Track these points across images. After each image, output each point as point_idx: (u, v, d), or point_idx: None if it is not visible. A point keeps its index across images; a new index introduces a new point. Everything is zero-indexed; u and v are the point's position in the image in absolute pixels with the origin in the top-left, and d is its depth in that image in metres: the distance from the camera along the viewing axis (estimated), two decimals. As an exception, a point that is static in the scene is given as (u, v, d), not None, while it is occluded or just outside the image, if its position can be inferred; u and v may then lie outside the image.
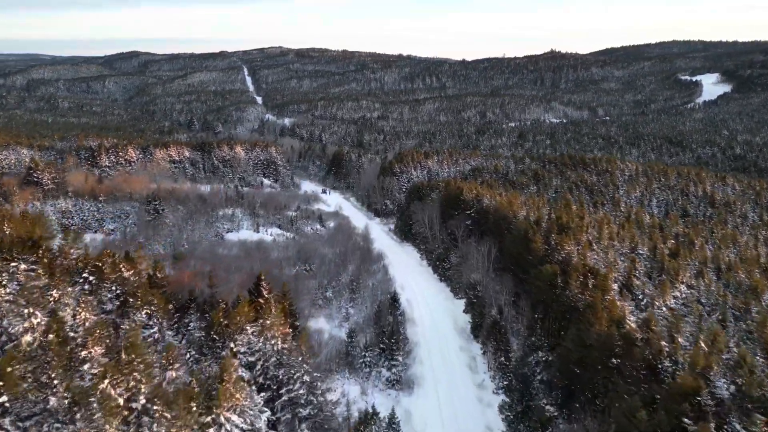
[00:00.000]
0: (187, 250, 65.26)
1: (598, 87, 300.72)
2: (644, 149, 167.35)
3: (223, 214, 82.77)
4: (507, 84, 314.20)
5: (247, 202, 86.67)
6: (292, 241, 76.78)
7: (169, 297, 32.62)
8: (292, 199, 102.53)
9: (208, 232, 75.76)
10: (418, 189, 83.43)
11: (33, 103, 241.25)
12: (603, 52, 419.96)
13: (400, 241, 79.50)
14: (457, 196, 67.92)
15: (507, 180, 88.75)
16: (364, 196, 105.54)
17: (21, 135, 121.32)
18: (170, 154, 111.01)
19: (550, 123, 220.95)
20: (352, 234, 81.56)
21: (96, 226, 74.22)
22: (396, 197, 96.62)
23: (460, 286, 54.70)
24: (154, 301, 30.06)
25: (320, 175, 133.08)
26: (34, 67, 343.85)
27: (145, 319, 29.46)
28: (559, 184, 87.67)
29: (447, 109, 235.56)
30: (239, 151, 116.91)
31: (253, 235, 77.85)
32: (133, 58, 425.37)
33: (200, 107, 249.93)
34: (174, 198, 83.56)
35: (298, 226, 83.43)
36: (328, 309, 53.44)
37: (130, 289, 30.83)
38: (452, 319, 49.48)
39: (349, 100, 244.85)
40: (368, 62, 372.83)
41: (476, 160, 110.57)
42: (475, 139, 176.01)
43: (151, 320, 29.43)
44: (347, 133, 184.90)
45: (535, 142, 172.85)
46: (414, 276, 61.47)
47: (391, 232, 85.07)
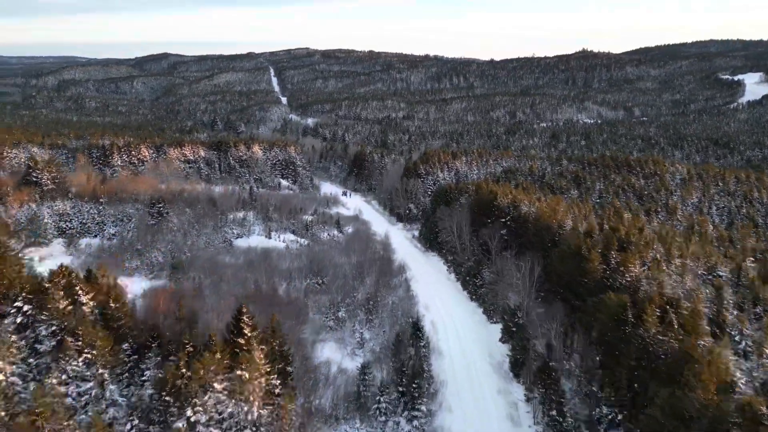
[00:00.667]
0: (188, 259, 58.37)
1: (634, 86, 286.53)
2: (688, 151, 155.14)
3: (233, 218, 75.88)
4: (537, 84, 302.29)
5: (259, 205, 79.62)
6: (305, 248, 69.35)
7: (124, 334, 25.15)
8: (310, 202, 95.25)
9: (216, 238, 68.88)
10: (445, 192, 75.04)
11: (61, 103, 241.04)
12: (637, 52, 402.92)
13: (424, 249, 71.27)
14: (489, 201, 59.34)
15: (544, 183, 79.58)
16: (387, 199, 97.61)
17: (37, 133, 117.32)
18: (185, 153, 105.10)
19: (583, 123, 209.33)
20: (371, 241, 73.67)
21: (96, 230, 68.11)
22: (420, 201, 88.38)
23: (494, 308, 46.19)
24: (96, 343, 22.52)
25: (341, 177, 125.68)
26: (66, 68, 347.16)
27: (83, 368, 21.94)
28: (603, 189, 78.14)
29: (475, 109, 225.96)
30: (256, 151, 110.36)
31: (264, 241, 70.70)
32: (163, 59, 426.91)
33: (225, 107, 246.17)
34: (183, 200, 77.09)
35: (314, 231, 75.96)
36: (340, 332, 45.61)
37: (70, 326, 23.38)
38: (486, 349, 41.06)
39: (374, 100, 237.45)
40: (394, 62, 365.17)
41: (508, 160, 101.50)
42: (505, 139, 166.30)
43: (90, 370, 21.91)
44: (371, 133, 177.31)
45: (569, 143, 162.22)
46: (440, 293, 53.17)
47: (415, 240, 76.87)
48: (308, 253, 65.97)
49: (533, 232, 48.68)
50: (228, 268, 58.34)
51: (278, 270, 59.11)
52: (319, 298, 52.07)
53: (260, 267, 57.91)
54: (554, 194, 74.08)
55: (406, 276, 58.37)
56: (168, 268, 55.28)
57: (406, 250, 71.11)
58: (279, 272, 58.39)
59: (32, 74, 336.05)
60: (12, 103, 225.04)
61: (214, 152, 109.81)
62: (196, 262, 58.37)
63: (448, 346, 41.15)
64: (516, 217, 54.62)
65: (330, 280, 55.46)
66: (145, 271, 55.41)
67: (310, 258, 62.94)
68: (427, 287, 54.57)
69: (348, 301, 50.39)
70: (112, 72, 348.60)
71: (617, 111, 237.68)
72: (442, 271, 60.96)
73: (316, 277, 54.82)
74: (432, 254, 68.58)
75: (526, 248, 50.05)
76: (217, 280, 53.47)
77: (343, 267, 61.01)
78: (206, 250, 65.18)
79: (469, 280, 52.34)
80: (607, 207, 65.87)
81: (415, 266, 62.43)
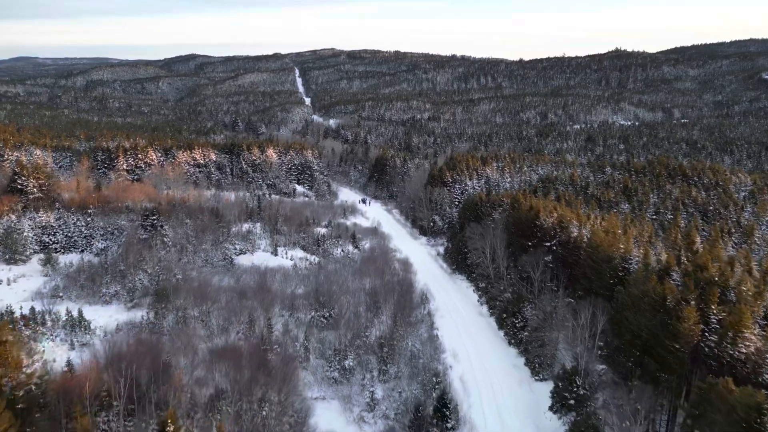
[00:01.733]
0: (178, 283, 49.81)
1: (672, 87, 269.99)
2: (738, 156, 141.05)
3: (237, 231, 67.35)
4: (568, 84, 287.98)
5: (267, 216, 70.89)
6: (315, 268, 60.33)
7: None
8: (325, 211, 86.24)
9: (215, 255, 60.40)
10: (474, 205, 65.00)
11: (86, 103, 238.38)
12: (673, 51, 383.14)
13: (450, 271, 61.39)
14: (530, 219, 49.11)
15: (588, 195, 68.75)
16: (409, 208, 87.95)
17: (45, 134, 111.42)
18: (194, 157, 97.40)
19: (620, 125, 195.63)
20: (390, 260, 64.15)
21: (83, 245, 60.38)
22: (447, 212, 78.44)
23: (541, 361, 36.10)
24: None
25: (361, 182, 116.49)
26: (94, 68, 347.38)
27: None
28: (659, 202, 66.91)
29: (504, 110, 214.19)
30: (271, 155, 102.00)
31: (269, 258, 61.94)
32: (191, 60, 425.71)
33: (247, 108, 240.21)
34: (184, 210, 68.92)
35: (326, 247, 66.86)
36: (347, 387, 36.28)
37: None
38: (532, 421, 31.15)
39: (399, 100, 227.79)
40: (420, 62, 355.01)
41: (544, 167, 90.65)
42: (537, 142, 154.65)
43: None
44: (394, 135, 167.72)
45: (606, 147, 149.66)
46: (471, 333, 43.31)
47: (440, 258, 67.03)
48: (317, 275, 56.87)
49: (589, 264, 38.36)
50: (223, 294, 49.65)
51: (280, 296, 50.20)
52: (324, 336, 42.92)
53: (260, 293, 49.03)
54: (601, 209, 63.40)
55: (429, 308, 48.69)
56: (152, 295, 46.88)
57: (429, 272, 61.42)
58: (282, 299, 49.49)
59: (62, 75, 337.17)
60: (36, 103, 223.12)
61: (226, 156, 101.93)
62: (188, 286, 49.83)
63: (483, 418, 31.33)
64: (564, 241, 44.35)
65: (339, 312, 46.20)
66: (125, 298, 47.10)
67: (318, 282, 53.84)
68: (455, 325, 44.78)
69: (358, 343, 41.06)
70: (140, 73, 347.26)
71: (655, 112, 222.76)
72: (472, 302, 50.96)
73: (323, 309, 45.57)
74: (459, 278, 58.66)
75: (580, 283, 39.79)
76: (206, 311, 44.87)
77: (356, 294, 51.72)
78: (202, 270, 56.74)
79: (507, 319, 42.30)
80: (670, 227, 54.91)
81: (441, 294, 52.68)
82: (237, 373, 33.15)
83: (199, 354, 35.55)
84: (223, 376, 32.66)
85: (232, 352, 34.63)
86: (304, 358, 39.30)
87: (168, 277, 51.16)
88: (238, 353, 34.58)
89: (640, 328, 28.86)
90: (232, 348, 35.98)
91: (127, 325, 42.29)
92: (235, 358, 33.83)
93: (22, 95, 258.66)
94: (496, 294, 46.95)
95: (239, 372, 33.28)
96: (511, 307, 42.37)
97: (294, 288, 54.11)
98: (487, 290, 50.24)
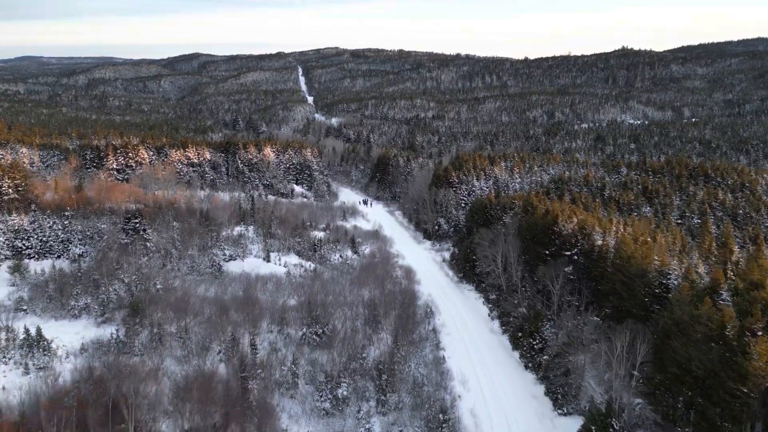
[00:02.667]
0: (158, 294, 44.87)
1: (681, 85, 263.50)
2: (754, 156, 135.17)
3: (227, 234, 62.39)
4: (575, 83, 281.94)
5: (260, 219, 65.85)
6: (311, 275, 55.38)
7: None
8: (324, 213, 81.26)
9: (203, 261, 55.43)
10: (483, 208, 59.78)
11: (85, 102, 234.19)
12: (680, 50, 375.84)
13: (457, 280, 56.18)
14: (546, 225, 43.90)
15: (606, 197, 63.46)
16: (412, 210, 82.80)
17: (36, 132, 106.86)
18: (188, 155, 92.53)
19: (629, 124, 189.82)
20: (392, 267, 59.13)
21: (60, 250, 55.49)
22: (452, 215, 73.23)
23: (566, 392, 30.92)
24: None
25: (362, 182, 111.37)
26: (97, 67, 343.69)
27: None
28: (683, 205, 61.55)
29: (510, 109, 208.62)
30: (268, 153, 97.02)
31: (261, 265, 56.98)
32: (194, 59, 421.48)
33: (249, 106, 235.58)
34: (172, 212, 63.97)
35: (324, 252, 61.83)
36: (340, 419, 31.24)
37: None
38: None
39: (402, 99, 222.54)
40: (424, 61, 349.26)
41: (556, 167, 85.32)
42: (545, 141, 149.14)
43: None
44: (398, 134, 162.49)
45: (617, 146, 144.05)
46: (482, 354, 38.16)
47: (446, 265, 61.84)
48: (311, 284, 51.91)
49: (620, 279, 33.15)
50: (207, 306, 44.73)
51: (270, 309, 45.21)
52: (315, 358, 37.83)
53: (246, 306, 44.05)
54: (621, 212, 58.12)
55: (434, 324, 43.55)
56: (126, 308, 41.93)
57: (434, 280, 56.28)
58: (271, 312, 44.48)
59: (65, 74, 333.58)
60: (34, 102, 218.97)
61: (221, 154, 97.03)
62: (168, 297, 44.90)
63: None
64: (587, 250, 39.15)
65: (333, 329, 41.16)
66: (96, 311, 42.19)
67: (312, 292, 48.86)
68: (464, 344, 39.63)
69: (354, 366, 35.98)
70: (143, 71, 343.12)
71: (665, 111, 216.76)
72: (482, 316, 45.75)
73: (316, 325, 40.51)
74: (467, 287, 53.45)
75: (608, 300, 34.60)
76: (183, 328, 39.88)
77: (353, 306, 46.76)
78: (187, 279, 51.76)
79: (523, 339, 37.10)
80: (699, 233, 49.60)
81: (447, 307, 47.54)
82: (211, 408, 28.27)
83: (168, 384, 30.59)
84: (195, 412, 27.72)
85: (206, 382, 29.63)
86: (291, 384, 34.26)
87: (147, 286, 46.18)
88: (211, 383, 29.58)
89: (691, 361, 23.65)
90: (208, 376, 30.93)
91: (94, 344, 37.32)
92: (208, 390, 28.88)
93: (22, 93, 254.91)
94: (509, 309, 41.76)
95: (213, 406, 28.37)
96: (528, 325, 37.17)
97: (286, 298, 49.15)
98: (499, 303, 45.05)
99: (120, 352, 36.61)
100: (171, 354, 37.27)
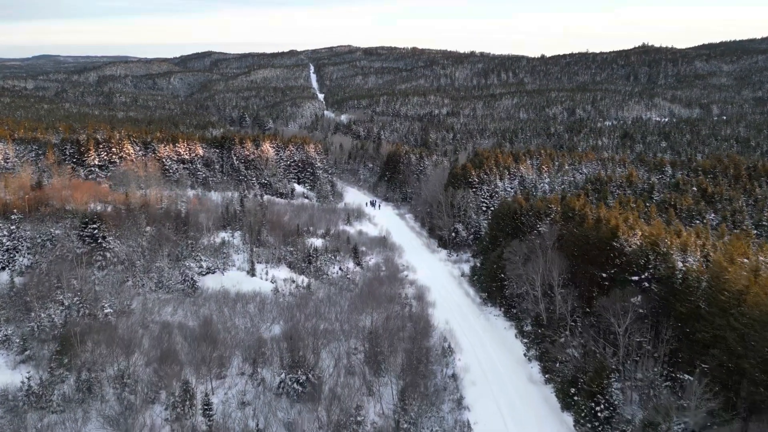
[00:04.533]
0: (106, 320, 35.07)
1: (706, 82, 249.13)
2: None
3: (208, 242, 52.52)
4: (594, 80, 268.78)
5: (246, 224, 55.80)
6: (303, 292, 45.35)
7: None
8: (326, 216, 71.12)
9: (174, 275, 45.53)
10: (511, 213, 49.06)
11: (92, 98, 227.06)
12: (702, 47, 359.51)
13: (481, 301, 45.59)
14: (602, 239, 33.16)
15: (658, 201, 52.38)
16: (426, 213, 72.31)
17: (20, 126, 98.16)
18: (178, 151, 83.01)
19: (655, 122, 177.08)
20: (400, 283, 48.81)
21: (5, 261, 45.91)
22: (472, 220, 62.62)
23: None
24: None
25: (371, 182, 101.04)
26: (108, 64, 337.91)
27: None
28: (755, 213, 50.24)
29: (528, 105, 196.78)
30: (267, 150, 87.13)
31: (243, 280, 47.00)
32: (206, 57, 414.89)
33: (258, 103, 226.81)
34: (145, 214, 54.26)
35: (321, 264, 51.63)
36: None
37: None
38: None
39: (415, 95, 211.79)
40: (438, 59, 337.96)
41: (588, 165, 74.23)
42: (568, 138, 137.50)
43: None
44: (410, 131, 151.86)
45: (646, 144, 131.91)
46: (521, 420, 27.53)
47: (465, 281, 51.24)
48: (302, 304, 41.81)
49: (730, 325, 22.35)
50: (166, 337, 34.83)
51: (245, 342, 35.16)
52: (294, 421, 27.61)
53: (217, 337, 34.00)
54: (680, 219, 47.04)
55: (454, 366, 33.07)
56: (53, 344, 32.18)
57: (452, 301, 45.80)
58: (245, 347, 34.39)
59: (77, 71, 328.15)
60: (38, 98, 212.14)
61: (215, 150, 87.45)
62: (119, 325, 35.10)
63: None
64: (665, 275, 28.39)
65: (322, 373, 30.98)
66: (16, 348, 32.55)
67: (302, 317, 38.79)
68: (495, 400, 29.07)
69: (346, 435, 25.73)
70: (154, 69, 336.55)
71: (692, 109, 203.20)
72: (515, 355, 35.04)
73: (298, 369, 30.29)
74: (493, 312, 42.85)
75: (709, 352, 23.83)
76: (125, 372, 29.99)
77: (350, 337, 36.54)
78: (150, 298, 41.91)
79: (579, 399, 26.43)
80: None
81: (470, 341, 37.03)
82: None
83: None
84: None
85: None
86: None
87: (93, 310, 36.42)
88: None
89: None
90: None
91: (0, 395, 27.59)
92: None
93: (30, 89, 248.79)
94: (554, 351, 31.04)
95: None
96: (586, 379, 26.48)
97: (269, 324, 39.15)
98: (538, 339, 34.37)
99: (31, 407, 26.85)
100: (101, 412, 27.32)
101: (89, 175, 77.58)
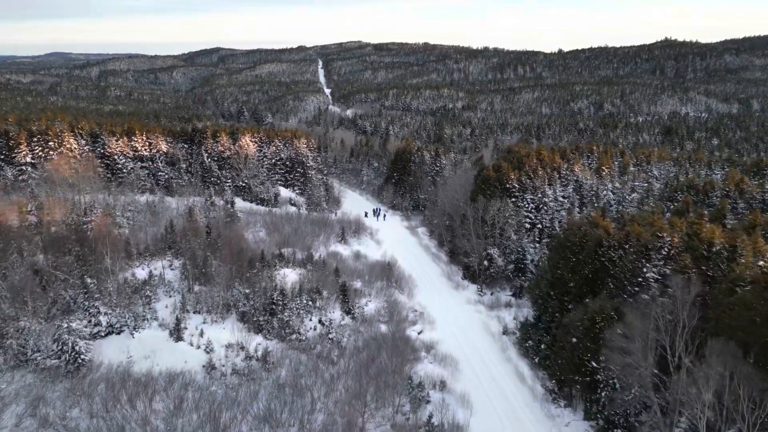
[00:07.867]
0: None
1: (740, 77, 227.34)
2: None
3: (125, 281, 34.49)
4: (617, 74, 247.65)
5: (187, 251, 37.59)
6: (255, 369, 27.23)
7: None
8: (314, 230, 52.70)
9: (43, 342, 27.59)
10: (593, 246, 30.23)
11: (85, 91, 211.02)
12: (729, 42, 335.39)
13: (544, 392, 26.86)
14: None
15: None
16: (445, 227, 53.64)
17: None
18: (134, 146, 65.23)
19: (695, 116, 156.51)
20: (411, 352, 30.38)
21: None
22: (512, 242, 43.83)
23: None
24: None
25: (376, 184, 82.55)
26: (111, 59, 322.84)
27: None
28: None
29: (550, 99, 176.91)
30: (246, 144, 68.98)
31: (163, 347, 28.93)
32: (213, 53, 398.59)
33: (260, 97, 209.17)
34: (43, 236, 36.43)
35: (290, 316, 33.24)
36: None
37: None
38: None
39: (428, 89, 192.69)
40: (451, 53, 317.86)
41: (661, 165, 55.10)
42: (603, 134, 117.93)
43: None
44: (422, 126, 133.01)
45: (695, 141, 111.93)
46: None
47: (512, 344, 32.55)
48: (251, 397, 23.68)
49: None
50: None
51: None
52: None
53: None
54: None
55: None
56: None
57: (495, 392, 27.22)
58: None
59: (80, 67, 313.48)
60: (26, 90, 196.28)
61: (184, 145, 69.60)
62: None
63: None
64: None
65: None
66: None
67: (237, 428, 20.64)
68: None
69: None
70: (158, 64, 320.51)
71: (730, 104, 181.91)
72: None
73: None
74: (573, 418, 24.24)
75: None
76: None
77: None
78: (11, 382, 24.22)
79: None
80: None
81: None
82: None
83: None
84: None
85: None
86: None
87: None
88: None
89: None
90: None
91: None
92: None
93: (25, 83, 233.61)
94: None
95: None
96: None
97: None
98: None
99: None
100: None
101: (19, 176, 60.30)
